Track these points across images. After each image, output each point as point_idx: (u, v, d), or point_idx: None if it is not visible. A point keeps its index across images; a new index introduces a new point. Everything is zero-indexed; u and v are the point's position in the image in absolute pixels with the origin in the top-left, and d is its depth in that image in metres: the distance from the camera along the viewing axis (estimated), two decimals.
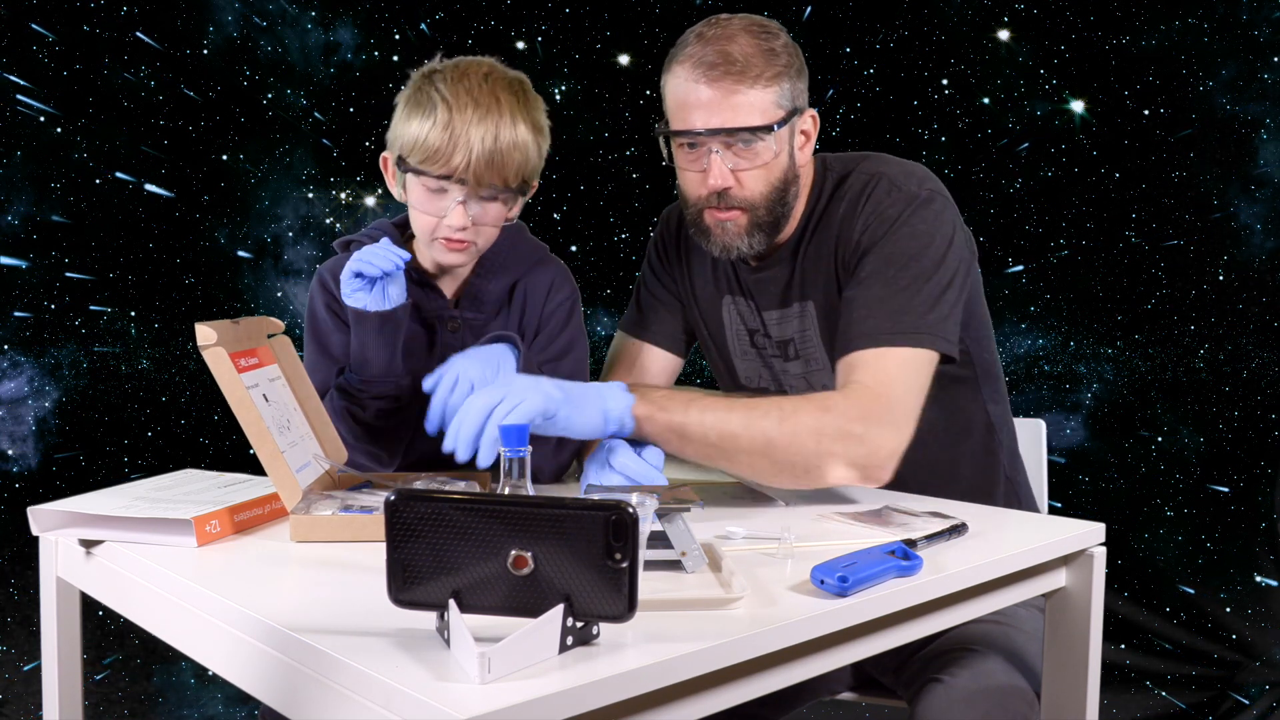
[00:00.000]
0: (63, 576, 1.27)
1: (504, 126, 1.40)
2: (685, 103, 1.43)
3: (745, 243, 1.49)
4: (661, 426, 1.30)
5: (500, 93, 1.42)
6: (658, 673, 0.80)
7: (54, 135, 3.10)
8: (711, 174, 1.43)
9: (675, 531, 1.04)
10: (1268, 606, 3.13)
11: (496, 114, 1.40)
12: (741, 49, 1.39)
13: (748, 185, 1.45)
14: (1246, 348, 3.19)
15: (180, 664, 2.97)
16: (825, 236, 1.52)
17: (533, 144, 1.44)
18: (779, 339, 1.61)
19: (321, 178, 3.31)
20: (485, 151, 1.39)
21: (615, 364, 1.73)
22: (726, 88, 1.39)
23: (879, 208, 1.45)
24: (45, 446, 3.16)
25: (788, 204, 1.50)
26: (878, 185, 1.47)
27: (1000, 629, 1.38)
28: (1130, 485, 3.25)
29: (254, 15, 3.22)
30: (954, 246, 1.43)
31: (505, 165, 1.41)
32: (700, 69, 1.40)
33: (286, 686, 0.88)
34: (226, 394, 1.18)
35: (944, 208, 1.46)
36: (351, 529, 1.17)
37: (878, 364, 1.35)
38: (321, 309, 1.54)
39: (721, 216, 1.48)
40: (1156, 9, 3.14)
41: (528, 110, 1.44)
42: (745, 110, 1.40)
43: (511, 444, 1.11)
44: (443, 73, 1.43)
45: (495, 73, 1.45)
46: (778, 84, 1.41)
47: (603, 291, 3.28)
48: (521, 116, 1.43)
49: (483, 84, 1.41)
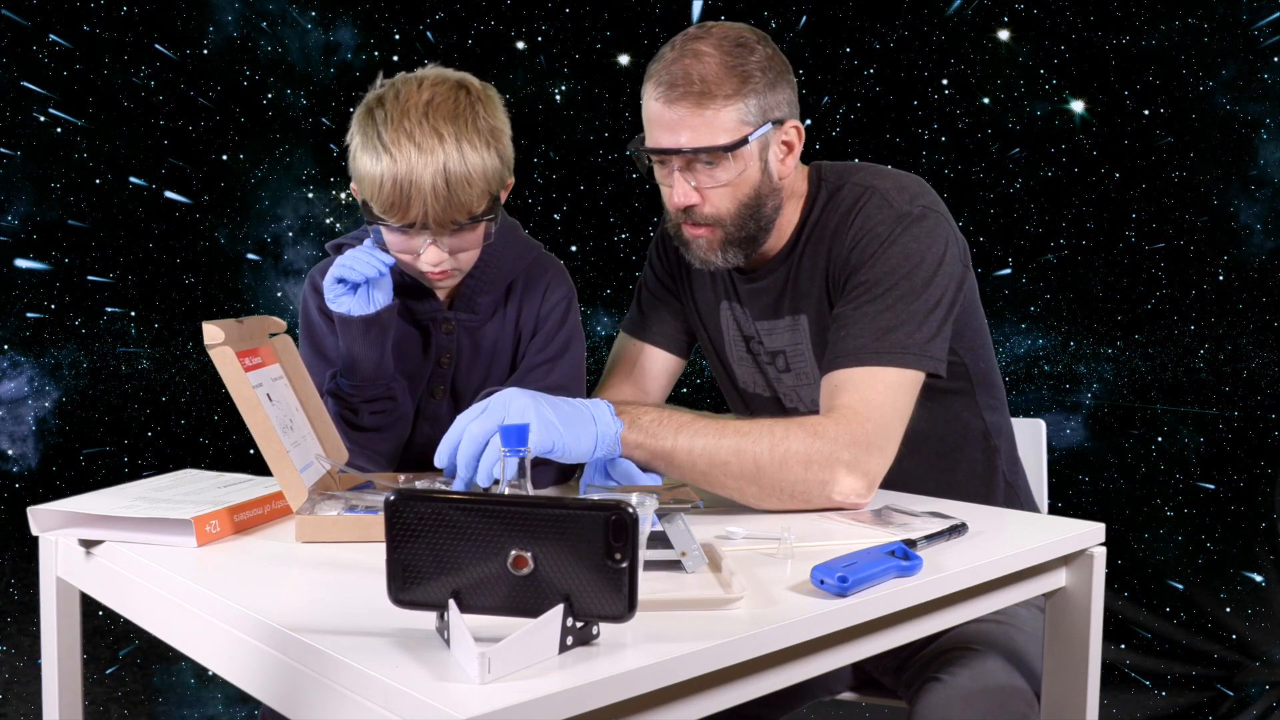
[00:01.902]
0: (63, 576, 1.27)
1: (451, 162, 1.35)
2: (651, 120, 1.43)
3: (720, 257, 1.49)
4: (649, 453, 1.29)
5: (440, 124, 1.35)
6: (658, 673, 0.80)
7: (54, 135, 3.10)
8: (675, 192, 1.43)
9: (675, 531, 1.04)
10: (1267, 606, 3.13)
11: (441, 152, 1.34)
12: (705, 69, 1.38)
13: (713, 202, 1.44)
14: (1246, 348, 3.19)
15: (180, 664, 2.97)
16: (818, 249, 1.51)
17: (489, 159, 1.38)
18: (770, 349, 1.61)
19: (321, 178, 3.31)
20: (440, 196, 1.35)
21: (616, 365, 1.73)
22: (686, 109, 1.38)
23: (869, 224, 1.44)
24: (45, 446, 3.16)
25: (763, 218, 1.48)
26: (869, 200, 1.46)
27: (1000, 629, 1.38)
28: (1130, 485, 3.25)
29: (254, 15, 3.22)
30: (944, 265, 1.42)
31: (463, 199, 1.37)
32: (662, 88, 1.40)
33: (286, 686, 0.88)
34: (233, 393, 1.18)
35: (936, 224, 1.44)
36: (357, 529, 1.17)
37: (865, 385, 1.35)
38: (314, 312, 1.53)
39: (695, 233, 1.48)
40: (1156, 9, 3.14)
41: (475, 128, 1.38)
42: (704, 131, 1.38)
43: (511, 444, 1.11)
44: (383, 107, 1.37)
45: (435, 98, 1.37)
46: (741, 101, 1.39)
47: (603, 291, 3.28)
48: (468, 139, 1.36)
49: (422, 121, 1.35)
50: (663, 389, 1.73)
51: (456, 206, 1.37)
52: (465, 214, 1.38)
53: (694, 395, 3.02)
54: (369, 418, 1.49)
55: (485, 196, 1.39)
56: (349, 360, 1.45)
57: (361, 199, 1.41)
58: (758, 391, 1.66)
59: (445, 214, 1.37)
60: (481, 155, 1.37)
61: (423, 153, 1.34)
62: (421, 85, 1.39)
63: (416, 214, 1.36)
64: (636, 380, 1.70)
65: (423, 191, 1.34)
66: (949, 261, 1.43)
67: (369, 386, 1.47)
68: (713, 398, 1.62)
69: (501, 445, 1.12)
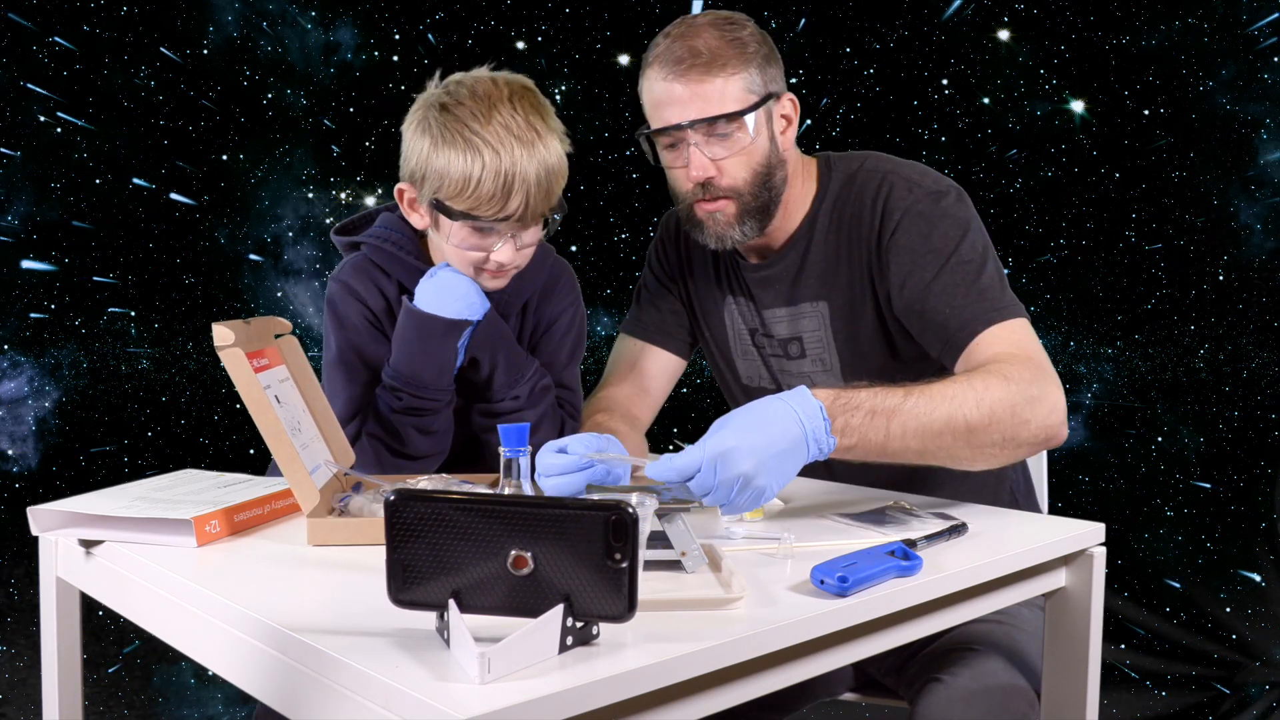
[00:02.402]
0: (63, 576, 1.27)
1: (550, 154, 1.38)
2: (660, 101, 1.46)
3: (737, 231, 1.51)
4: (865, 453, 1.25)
5: (531, 116, 1.38)
6: (658, 673, 0.80)
7: (53, 135, 3.10)
8: (693, 165, 1.46)
9: (675, 531, 1.04)
10: (1267, 606, 3.13)
11: (540, 143, 1.37)
12: (706, 43, 1.43)
13: (730, 172, 1.47)
14: (1246, 348, 3.18)
15: (180, 664, 2.97)
16: (840, 236, 1.53)
17: (565, 155, 1.41)
18: (782, 337, 1.61)
19: (321, 178, 3.31)
20: (542, 188, 1.37)
21: (617, 366, 1.73)
22: (696, 80, 1.43)
23: (904, 205, 1.47)
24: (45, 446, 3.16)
25: (774, 188, 1.51)
26: (894, 185, 1.49)
27: (1001, 629, 1.38)
28: (1130, 485, 3.25)
29: (254, 15, 3.22)
30: (983, 232, 1.49)
31: (555, 190, 1.40)
32: (668, 66, 1.44)
33: (286, 686, 0.88)
34: (244, 395, 1.17)
35: (962, 198, 1.50)
36: (368, 532, 1.16)
37: (1007, 337, 1.38)
38: (356, 319, 1.49)
39: (710, 207, 1.49)
40: (1156, 9, 3.14)
41: (553, 121, 1.41)
42: (716, 99, 1.43)
43: (511, 444, 1.12)
44: (464, 104, 1.37)
45: (515, 91, 1.39)
46: (745, 71, 1.44)
47: (603, 291, 3.28)
48: (553, 133, 1.40)
49: (514, 113, 1.36)
50: (663, 389, 1.73)
51: (549, 197, 1.40)
52: (554, 205, 1.41)
53: (694, 395, 3.01)
54: (442, 420, 1.47)
55: (562, 191, 1.43)
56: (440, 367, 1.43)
57: (430, 199, 1.39)
58: (761, 385, 1.67)
59: (541, 206, 1.39)
60: (562, 151, 1.41)
61: (524, 145, 1.35)
62: (497, 83, 1.40)
63: (516, 207, 1.36)
64: (637, 380, 1.70)
65: (527, 183, 1.35)
66: (982, 229, 1.49)
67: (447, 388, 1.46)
68: (712, 398, 1.62)
69: (501, 445, 1.12)
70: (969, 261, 1.43)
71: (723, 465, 1.10)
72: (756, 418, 1.15)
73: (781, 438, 1.14)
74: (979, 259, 1.44)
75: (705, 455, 1.10)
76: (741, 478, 1.10)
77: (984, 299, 1.41)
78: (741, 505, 1.13)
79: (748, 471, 1.10)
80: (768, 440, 1.13)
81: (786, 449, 1.14)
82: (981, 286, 1.42)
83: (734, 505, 1.13)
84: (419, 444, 1.46)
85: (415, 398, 1.44)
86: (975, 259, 1.44)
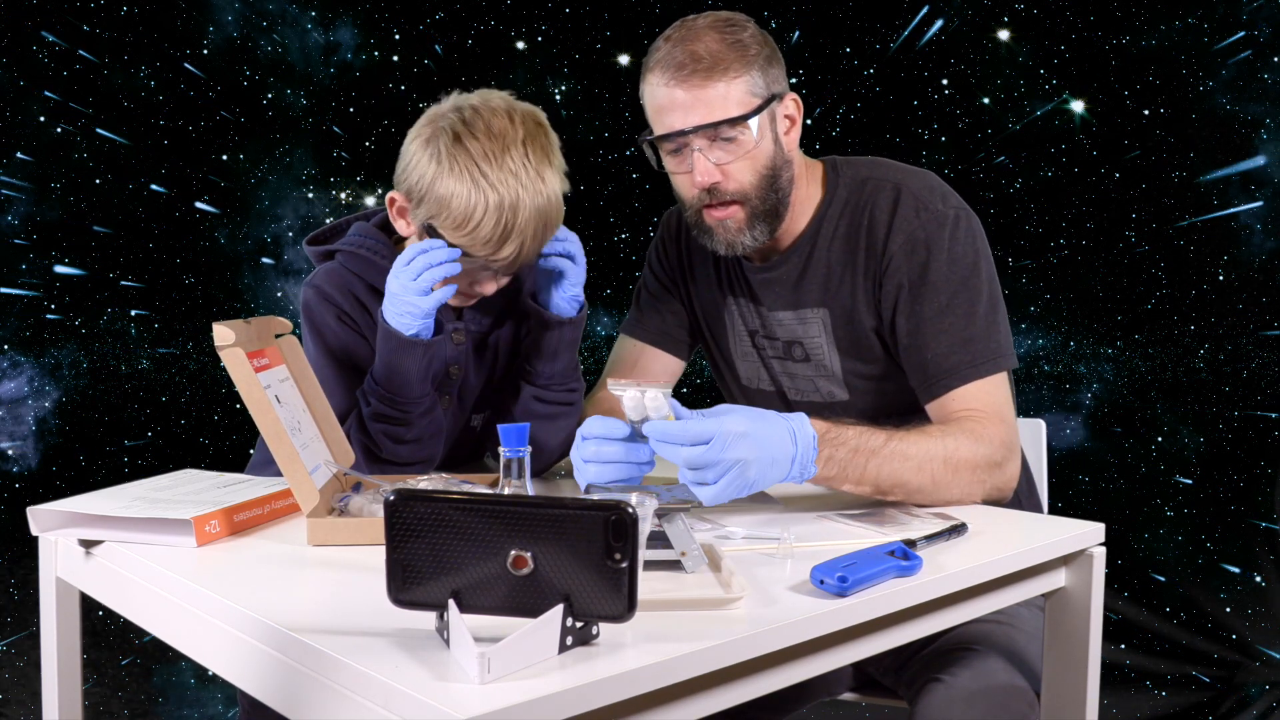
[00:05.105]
0: (62, 576, 1.27)
1: (551, 203, 1.37)
2: (662, 107, 1.45)
3: (748, 236, 1.50)
4: (840, 484, 1.30)
5: (541, 164, 1.36)
6: (658, 673, 0.80)
7: (53, 135, 3.11)
8: (697, 171, 1.45)
9: (675, 531, 1.04)
10: (1267, 606, 3.13)
11: (545, 191, 1.36)
12: (707, 46, 1.42)
13: (735, 177, 1.46)
14: (1246, 348, 3.18)
15: (180, 664, 2.97)
16: (844, 245, 1.53)
17: (564, 195, 1.41)
18: (785, 340, 1.61)
19: (321, 178, 3.31)
20: (537, 239, 1.38)
21: (616, 366, 1.73)
22: (698, 85, 1.41)
23: (913, 229, 1.46)
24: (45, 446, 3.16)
25: (781, 190, 1.50)
26: (902, 203, 1.48)
27: (1001, 629, 1.38)
28: (1130, 485, 3.25)
29: (254, 15, 3.22)
30: (987, 259, 1.49)
31: (549, 236, 1.41)
32: (670, 71, 1.43)
33: (286, 686, 0.88)
34: (245, 395, 1.17)
35: (969, 222, 1.49)
36: (368, 532, 1.15)
37: (982, 396, 1.42)
38: (333, 323, 1.48)
39: (719, 215, 1.48)
40: (1156, 9, 3.14)
41: (557, 160, 1.40)
42: (719, 104, 1.42)
43: (511, 444, 1.12)
44: (478, 140, 1.34)
45: (529, 132, 1.37)
46: (748, 74, 1.43)
47: (603, 291, 3.28)
48: (557, 175, 1.39)
49: (526, 159, 1.35)
50: None
51: (542, 245, 1.41)
52: (543, 249, 1.42)
53: (694, 395, 3.01)
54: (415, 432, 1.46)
55: None
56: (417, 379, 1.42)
57: (427, 221, 1.38)
58: (760, 386, 1.67)
59: (533, 254, 1.40)
60: (561, 193, 1.40)
61: (529, 194, 1.35)
62: (513, 121, 1.37)
63: (510, 253, 1.37)
64: (637, 380, 1.70)
65: (524, 234, 1.36)
66: (986, 256, 1.49)
67: (424, 399, 1.44)
68: (712, 398, 1.62)
69: (501, 445, 1.12)
70: (963, 304, 1.44)
71: (731, 445, 1.15)
72: (761, 420, 1.20)
73: (778, 447, 1.20)
74: (973, 299, 1.44)
75: (720, 429, 1.15)
76: (741, 463, 1.15)
77: (969, 349, 1.43)
78: (726, 492, 1.16)
79: (747, 459, 1.16)
80: (768, 442, 1.19)
81: (779, 458, 1.21)
82: (970, 336, 1.43)
83: (718, 491, 1.16)
84: (393, 451, 1.45)
85: (384, 404, 1.42)
86: (969, 301, 1.44)
